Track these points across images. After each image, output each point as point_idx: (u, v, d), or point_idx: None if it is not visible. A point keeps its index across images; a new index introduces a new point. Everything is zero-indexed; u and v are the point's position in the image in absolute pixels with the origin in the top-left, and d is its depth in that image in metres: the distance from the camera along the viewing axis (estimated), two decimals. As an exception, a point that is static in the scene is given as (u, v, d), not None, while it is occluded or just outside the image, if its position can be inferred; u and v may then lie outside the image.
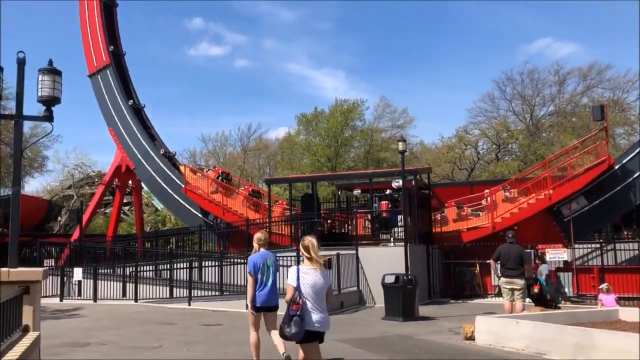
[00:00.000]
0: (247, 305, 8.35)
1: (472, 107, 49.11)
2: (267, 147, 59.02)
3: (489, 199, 22.94)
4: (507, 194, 23.28)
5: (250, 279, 8.30)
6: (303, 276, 6.13)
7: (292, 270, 6.20)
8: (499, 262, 13.42)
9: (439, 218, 23.82)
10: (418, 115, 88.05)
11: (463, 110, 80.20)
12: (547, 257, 19.73)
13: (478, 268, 21.45)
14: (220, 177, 28.95)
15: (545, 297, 16.09)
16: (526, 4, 78.32)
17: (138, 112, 33.72)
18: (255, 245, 8.53)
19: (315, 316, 6.03)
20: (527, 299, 14.05)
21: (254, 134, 58.95)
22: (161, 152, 31.73)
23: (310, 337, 6.03)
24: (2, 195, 41.47)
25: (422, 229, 21.82)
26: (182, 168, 30.44)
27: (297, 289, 6.05)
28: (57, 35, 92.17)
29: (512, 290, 13.16)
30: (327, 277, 6.33)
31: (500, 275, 13.42)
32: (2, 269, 7.25)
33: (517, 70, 47.40)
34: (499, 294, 16.86)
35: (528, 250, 18.76)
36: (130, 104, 33.11)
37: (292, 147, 49.85)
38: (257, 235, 8.64)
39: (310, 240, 6.31)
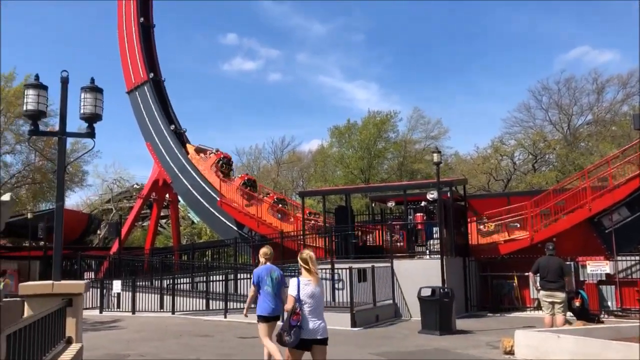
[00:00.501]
0: (258, 317, 8.80)
1: (508, 117, 48.48)
2: (300, 159, 59.30)
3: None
4: (481, 227, 23.01)
5: (251, 290, 9.01)
6: (303, 287, 6.57)
7: (293, 282, 6.65)
8: (538, 274, 13.14)
9: (475, 230, 23.47)
10: (452, 126, 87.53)
11: (498, 121, 79.51)
12: (589, 270, 19.21)
13: (516, 281, 21.02)
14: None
15: (588, 311, 15.65)
16: (562, 12, 77.12)
17: (180, 136, 34.19)
18: (262, 259, 9.13)
19: (313, 324, 6.47)
20: (569, 313, 13.70)
21: (287, 147, 59.42)
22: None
23: (302, 345, 6.46)
24: (44, 209, 42.67)
25: (458, 241, 21.51)
26: (188, 147, 30.77)
27: (297, 299, 6.47)
28: (95, 53, 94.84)
29: (553, 303, 12.84)
30: (323, 287, 6.93)
31: (539, 288, 13.13)
32: (47, 282, 7.48)
33: (554, 79, 46.72)
34: (538, 307, 16.47)
35: (568, 263, 18.35)
36: (172, 128, 33.55)
37: (325, 159, 49.93)
38: (263, 250, 9.24)
39: (309, 253, 6.80)
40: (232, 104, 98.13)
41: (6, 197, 3.77)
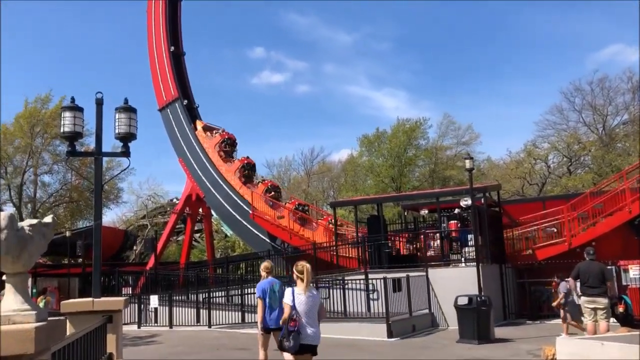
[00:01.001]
0: (260, 329, 9.26)
1: (540, 120, 47.61)
2: (331, 169, 59.37)
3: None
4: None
5: (259, 303, 9.26)
6: (297, 296, 6.99)
7: (288, 291, 7.10)
8: (578, 280, 12.82)
9: (511, 235, 23.09)
10: (483, 131, 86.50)
11: (530, 124, 78.17)
12: (631, 274, 18.67)
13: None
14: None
15: (632, 317, 15.19)
16: (592, 10, 75.77)
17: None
18: (263, 273, 9.56)
19: (308, 330, 6.90)
20: (612, 319, 13.32)
21: (316, 158, 59.60)
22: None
23: (303, 350, 6.89)
24: (82, 227, 43.61)
25: (494, 248, 21.18)
26: (197, 123, 31.25)
27: (293, 307, 6.89)
28: (128, 71, 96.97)
29: (595, 309, 12.50)
30: (317, 297, 7.27)
31: (580, 294, 12.80)
32: (87, 299, 7.63)
33: (586, 79, 45.71)
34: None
35: (609, 267, 17.87)
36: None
37: (355, 168, 49.88)
38: (265, 265, 9.67)
39: (304, 265, 7.18)
40: (261, 116, 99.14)
41: (48, 219, 3.87)
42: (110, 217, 60.08)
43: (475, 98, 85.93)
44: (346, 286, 18.09)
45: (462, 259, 19.82)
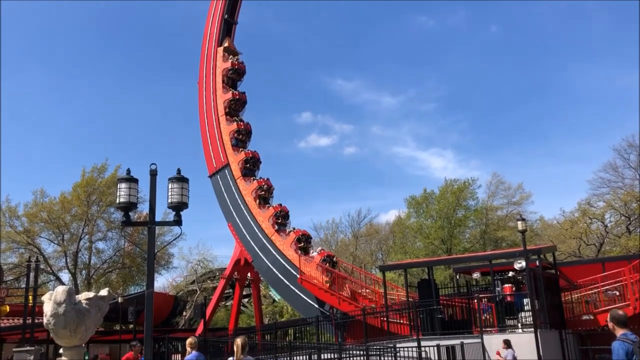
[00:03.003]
0: None
1: (593, 178, 46.19)
2: (378, 232, 58.84)
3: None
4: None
5: None
6: None
7: None
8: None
9: (570, 299, 22.05)
10: (535, 190, 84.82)
11: (583, 182, 75.88)
12: None
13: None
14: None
15: None
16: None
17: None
18: (188, 348, 9.79)
19: None
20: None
21: (364, 220, 59.29)
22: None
23: None
24: (133, 293, 44.28)
25: (552, 313, 20.24)
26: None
27: None
28: (179, 140, 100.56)
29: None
30: None
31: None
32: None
33: (640, 135, 44.34)
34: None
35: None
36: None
37: (403, 230, 49.32)
38: (189, 341, 9.91)
39: (237, 342, 7.57)
40: (309, 179, 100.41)
41: (104, 292, 3.97)
42: (161, 282, 60.95)
43: (524, 156, 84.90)
44: (398, 354, 17.50)
45: (519, 324, 18.98)
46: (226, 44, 39.20)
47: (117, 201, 8.82)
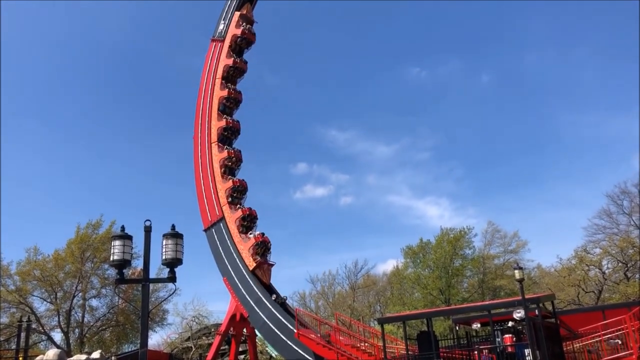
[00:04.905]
0: None
1: (589, 225, 46.27)
2: (375, 283, 58.27)
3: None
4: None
5: None
6: None
7: None
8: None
9: (572, 349, 21.67)
10: (530, 237, 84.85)
11: (578, 229, 75.81)
12: None
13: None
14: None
15: None
16: (631, 111, 76.10)
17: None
18: None
19: None
20: None
21: (361, 271, 58.77)
22: (272, 298, 32.25)
23: None
24: (127, 351, 43.24)
25: (554, 363, 19.85)
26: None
27: None
28: (176, 195, 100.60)
29: None
30: None
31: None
32: None
33: (632, 181, 44.71)
34: None
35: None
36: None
37: (401, 281, 48.89)
38: None
39: None
40: (304, 230, 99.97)
41: (96, 354, 3.91)
42: (155, 339, 59.52)
43: (519, 203, 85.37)
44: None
45: (521, 376, 18.59)
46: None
47: (112, 259, 8.78)
